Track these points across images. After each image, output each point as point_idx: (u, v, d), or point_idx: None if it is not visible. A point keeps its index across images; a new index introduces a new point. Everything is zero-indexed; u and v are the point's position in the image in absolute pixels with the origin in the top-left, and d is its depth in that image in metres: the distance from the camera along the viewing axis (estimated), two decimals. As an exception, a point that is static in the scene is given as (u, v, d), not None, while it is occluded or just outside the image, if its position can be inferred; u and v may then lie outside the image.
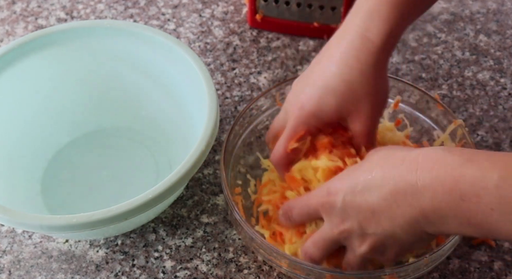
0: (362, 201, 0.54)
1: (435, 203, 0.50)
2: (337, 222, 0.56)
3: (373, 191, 0.53)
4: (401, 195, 0.52)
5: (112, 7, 0.92)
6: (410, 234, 0.53)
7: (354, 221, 0.55)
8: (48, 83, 0.74)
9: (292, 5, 0.84)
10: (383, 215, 0.53)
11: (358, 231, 0.55)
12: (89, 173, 0.74)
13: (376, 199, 0.53)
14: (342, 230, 0.56)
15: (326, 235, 0.58)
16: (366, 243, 0.56)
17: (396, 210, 0.52)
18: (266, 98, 0.72)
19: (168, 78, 0.73)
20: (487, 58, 0.85)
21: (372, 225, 0.54)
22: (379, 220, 0.54)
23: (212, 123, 0.63)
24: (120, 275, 0.66)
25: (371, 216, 0.54)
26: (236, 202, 0.65)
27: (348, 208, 0.55)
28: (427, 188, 0.50)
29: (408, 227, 0.53)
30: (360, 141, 0.62)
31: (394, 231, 0.54)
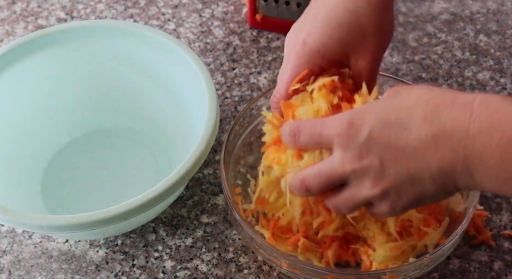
0: (392, 138, 0.49)
1: (485, 152, 0.46)
2: (353, 158, 0.51)
3: (410, 130, 0.48)
4: (445, 138, 0.47)
5: (112, 7, 0.92)
6: (437, 183, 0.49)
7: (376, 159, 0.50)
8: (48, 83, 0.74)
9: (292, 5, 0.84)
10: (415, 157, 0.48)
11: (376, 170, 0.50)
12: (89, 173, 0.74)
13: (412, 138, 0.48)
14: (358, 167, 0.51)
15: (334, 169, 0.52)
16: (381, 185, 0.51)
17: (434, 153, 0.48)
18: (266, 98, 0.72)
19: (168, 78, 0.73)
20: (487, 58, 0.85)
21: (396, 166, 0.49)
22: (408, 161, 0.49)
23: (212, 123, 0.63)
24: (120, 275, 0.66)
25: (399, 156, 0.49)
26: (236, 202, 0.65)
27: (372, 143, 0.50)
28: (481, 135, 0.46)
29: (439, 174, 0.48)
30: (363, 78, 0.58)
31: (421, 177, 0.49)
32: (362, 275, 0.60)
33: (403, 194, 0.51)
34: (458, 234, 0.60)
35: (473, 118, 0.46)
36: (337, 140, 0.52)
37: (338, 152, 0.52)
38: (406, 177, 0.50)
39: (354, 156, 0.51)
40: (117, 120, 0.78)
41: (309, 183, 0.54)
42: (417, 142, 0.48)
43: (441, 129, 0.47)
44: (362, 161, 0.51)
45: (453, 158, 0.47)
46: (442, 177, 0.49)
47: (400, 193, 0.51)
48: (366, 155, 0.50)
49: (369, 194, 0.52)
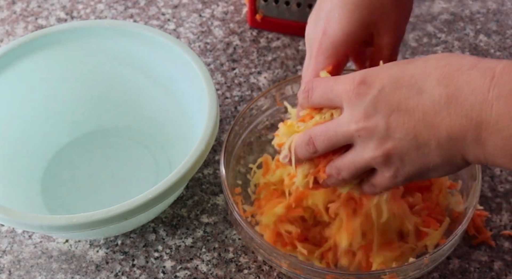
0: (403, 98, 0.46)
1: (503, 120, 0.42)
2: (360, 116, 0.48)
3: (422, 91, 0.46)
4: (460, 101, 0.44)
5: (112, 7, 0.92)
6: (444, 153, 0.46)
7: (382, 119, 0.47)
8: (48, 83, 0.74)
9: (292, 5, 0.84)
10: (425, 120, 0.46)
11: (381, 131, 0.48)
12: (89, 173, 0.74)
13: (424, 99, 0.46)
14: (363, 126, 0.48)
15: (340, 127, 0.50)
16: (384, 147, 0.48)
17: (445, 117, 0.45)
18: (266, 98, 0.72)
19: (168, 78, 0.73)
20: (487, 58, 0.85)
21: (403, 129, 0.47)
22: (417, 124, 0.46)
23: (212, 123, 0.63)
24: (120, 275, 0.66)
25: (408, 118, 0.46)
26: (236, 202, 0.65)
27: (381, 102, 0.47)
28: (500, 100, 0.42)
29: (447, 142, 0.46)
30: (386, 54, 0.56)
31: (427, 143, 0.46)
32: (362, 275, 0.60)
33: (406, 160, 0.48)
34: (458, 234, 0.60)
35: (494, 82, 0.43)
36: (345, 97, 0.49)
37: (346, 109, 0.50)
38: (412, 142, 0.47)
39: (361, 115, 0.48)
40: (117, 120, 0.78)
41: (316, 139, 0.52)
42: (429, 102, 0.46)
43: (456, 91, 0.45)
44: (368, 121, 0.48)
45: (464, 125, 0.45)
46: (450, 146, 0.46)
47: (404, 159, 0.48)
48: (372, 114, 0.48)
49: (372, 156, 0.49)
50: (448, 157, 0.47)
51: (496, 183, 0.72)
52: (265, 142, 0.73)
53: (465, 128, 0.45)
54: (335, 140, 0.51)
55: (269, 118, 0.73)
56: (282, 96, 0.72)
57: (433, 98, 0.46)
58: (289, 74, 0.83)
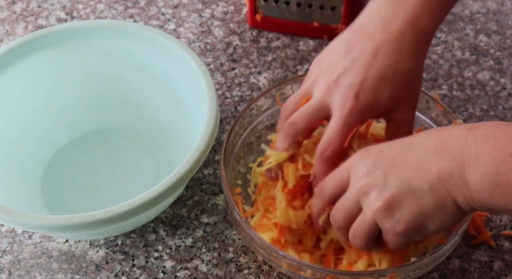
0: (397, 153, 0.53)
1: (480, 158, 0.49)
2: (362, 175, 0.55)
3: (413, 145, 0.53)
4: (445, 148, 0.51)
5: (112, 7, 0.92)
6: (436, 195, 0.51)
7: (380, 172, 0.53)
8: (48, 83, 0.74)
9: (292, 5, 0.84)
10: (417, 167, 0.52)
11: (380, 183, 0.53)
12: (89, 173, 0.74)
13: (415, 151, 0.53)
14: (364, 183, 0.54)
15: (349, 193, 0.56)
16: (384, 196, 0.53)
17: (434, 162, 0.51)
18: (266, 98, 0.72)
19: (168, 78, 0.73)
20: (487, 58, 0.85)
21: (398, 177, 0.53)
22: (410, 172, 0.52)
23: (212, 123, 0.63)
24: (120, 275, 0.66)
25: (402, 168, 0.53)
26: (236, 202, 0.65)
27: (379, 160, 0.54)
28: (477, 142, 0.49)
29: (438, 183, 0.51)
30: (402, 129, 0.62)
31: (421, 187, 0.52)
32: (362, 275, 0.60)
33: (403, 207, 0.53)
34: (458, 234, 0.60)
35: (471, 131, 0.51)
36: (351, 166, 0.56)
37: (352, 176, 0.56)
38: (407, 187, 0.52)
39: (363, 174, 0.54)
40: (117, 120, 0.77)
41: (335, 214, 0.58)
42: (419, 153, 0.52)
43: (442, 141, 0.51)
44: (368, 177, 0.54)
45: (451, 166, 0.50)
46: (440, 187, 0.51)
47: (401, 206, 0.53)
48: (372, 171, 0.54)
49: (375, 208, 0.54)
50: (439, 199, 0.52)
51: (496, 183, 0.72)
52: (265, 142, 0.73)
53: (451, 168, 0.50)
54: (349, 211, 0.57)
55: (269, 118, 0.73)
56: (282, 96, 0.72)
57: (423, 149, 0.52)
58: (289, 74, 0.83)
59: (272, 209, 0.64)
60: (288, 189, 0.63)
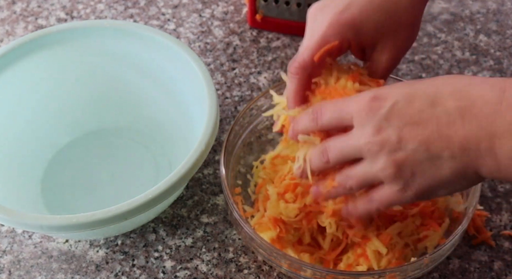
0: (416, 111, 0.47)
1: None
2: (371, 131, 0.49)
3: (436, 104, 0.47)
4: (473, 113, 0.45)
5: (112, 7, 0.92)
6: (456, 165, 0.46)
7: (394, 132, 0.48)
8: (48, 83, 0.74)
9: (292, 5, 0.84)
10: (439, 131, 0.46)
11: (392, 144, 0.48)
12: (89, 173, 0.74)
13: (437, 112, 0.47)
14: (374, 140, 0.48)
15: (351, 140, 0.50)
16: (395, 158, 0.48)
17: (459, 129, 0.46)
18: (266, 98, 0.72)
19: (168, 78, 0.73)
20: (487, 58, 0.85)
21: (415, 141, 0.47)
22: (430, 136, 0.47)
23: (212, 123, 0.63)
24: (120, 275, 0.66)
25: (421, 130, 0.47)
26: (236, 202, 0.65)
27: (393, 116, 0.48)
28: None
29: (460, 153, 0.46)
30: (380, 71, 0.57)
31: (440, 155, 0.46)
32: (362, 275, 0.60)
33: (418, 173, 0.48)
34: (458, 234, 0.60)
35: (506, 94, 0.45)
36: (357, 114, 0.50)
37: (358, 127, 0.50)
38: (425, 154, 0.47)
39: (373, 130, 0.49)
40: (117, 120, 0.77)
41: (329, 150, 0.52)
42: (442, 115, 0.46)
43: (469, 104, 0.46)
44: (380, 134, 0.48)
45: (478, 135, 0.45)
46: (463, 158, 0.46)
47: (415, 172, 0.48)
48: (384, 128, 0.48)
49: (382, 167, 0.49)
50: (460, 170, 0.47)
51: (496, 183, 0.72)
52: (265, 142, 0.73)
53: (478, 138, 0.45)
54: (347, 152, 0.51)
55: (269, 118, 0.73)
56: (282, 96, 0.72)
57: (446, 110, 0.46)
58: (289, 74, 0.83)
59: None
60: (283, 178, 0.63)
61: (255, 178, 0.70)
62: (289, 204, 0.62)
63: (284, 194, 0.63)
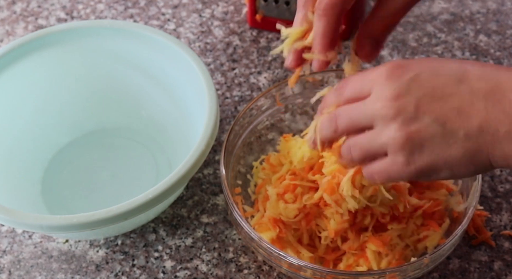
0: (440, 85, 0.46)
1: None
2: (389, 95, 0.47)
3: (462, 81, 0.45)
4: (498, 97, 0.44)
5: (112, 7, 0.92)
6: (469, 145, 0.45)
7: (412, 101, 0.46)
8: (48, 83, 0.74)
9: (292, 5, 0.84)
10: (460, 108, 0.45)
11: (409, 113, 0.46)
12: (89, 173, 0.74)
13: (462, 89, 0.45)
14: (390, 105, 0.46)
15: (364, 106, 0.48)
16: (408, 129, 0.46)
17: (481, 110, 0.44)
18: (266, 98, 0.72)
19: (168, 78, 0.73)
20: (487, 58, 0.85)
21: (433, 113, 0.45)
22: (449, 111, 0.45)
23: (212, 123, 0.63)
24: (120, 275, 0.66)
25: (441, 104, 0.45)
26: (236, 202, 0.65)
27: (415, 84, 0.46)
28: None
29: (477, 134, 0.45)
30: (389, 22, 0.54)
31: (455, 132, 0.45)
32: (362, 275, 0.60)
33: (426, 147, 0.46)
34: (458, 234, 0.60)
35: None
36: (377, 80, 0.48)
37: (375, 90, 0.48)
38: (439, 129, 0.46)
39: (390, 94, 0.47)
40: (117, 120, 0.77)
41: (339, 117, 0.50)
42: (466, 93, 0.45)
43: (496, 87, 0.44)
44: (397, 100, 0.46)
45: (500, 119, 0.44)
46: (479, 139, 0.45)
47: (424, 145, 0.46)
48: (403, 94, 0.46)
49: (392, 136, 0.47)
50: (471, 152, 0.46)
51: (496, 183, 0.72)
52: (265, 142, 0.73)
53: (499, 122, 0.44)
54: (357, 118, 0.49)
55: (269, 118, 0.73)
56: (282, 96, 0.72)
57: (471, 90, 0.45)
58: (289, 74, 0.83)
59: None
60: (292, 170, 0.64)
61: (255, 178, 0.70)
62: (289, 205, 0.62)
63: (283, 195, 0.63)
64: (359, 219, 0.62)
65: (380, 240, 0.61)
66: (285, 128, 0.74)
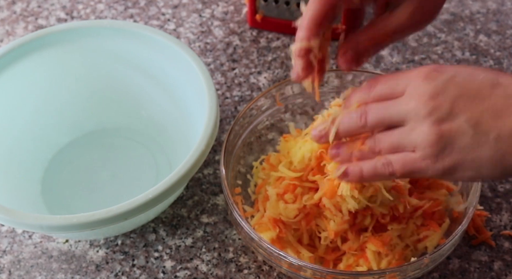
0: (475, 87, 0.46)
1: None
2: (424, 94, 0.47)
3: (498, 84, 0.46)
4: None
5: (112, 7, 0.92)
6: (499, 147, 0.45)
7: (448, 101, 0.47)
8: (48, 83, 0.74)
9: (292, 5, 0.84)
10: (494, 109, 0.45)
11: (443, 112, 0.46)
12: (89, 173, 0.74)
13: (498, 91, 0.46)
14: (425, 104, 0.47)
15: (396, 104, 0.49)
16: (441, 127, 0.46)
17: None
18: (266, 98, 0.72)
19: (168, 78, 0.73)
20: (487, 58, 0.85)
21: (468, 113, 0.46)
22: (483, 112, 0.46)
23: (212, 123, 0.63)
24: (120, 275, 0.66)
25: (476, 104, 0.46)
26: (236, 202, 0.65)
27: (451, 85, 0.47)
28: None
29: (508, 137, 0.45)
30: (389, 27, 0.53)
31: (487, 133, 0.45)
32: (362, 275, 0.60)
33: (456, 146, 0.46)
34: (458, 234, 0.60)
35: None
36: (413, 80, 0.48)
37: (410, 90, 0.48)
38: (471, 130, 0.46)
39: (425, 93, 0.47)
40: (117, 120, 0.78)
41: (369, 112, 0.50)
42: (502, 95, 0.46)
43: None
44: (432, 100, 0.47)
45: None
46: (509, 142, 0.45)
47: (454, 143, 0.47)
48: (439, 94, 0.47)
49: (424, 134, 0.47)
50: (500, 155, 0.46)
51: (496, 183, 0.72)
52: (265, 142, 0.73)
53: None
54: (389, 115, 0.49)
55: (269, 118, 0.73)
56: (282, 96, 0.72)
57: (506, 93, 0.46)
58: (289, 74, 0.83)
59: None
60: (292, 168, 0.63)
61: (255, 178, 0.70)
62: (289, 205, 0.62)
63: (283, 195, 0.63)
64: (359, 219, 0.62)
65: (380, 240, 0.61)
66: (285, 128, 0.74)
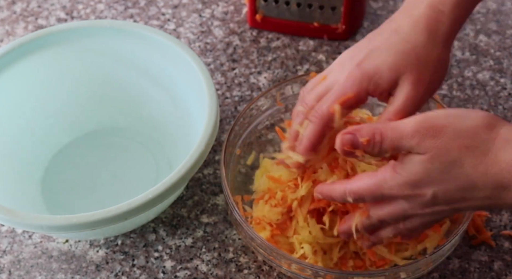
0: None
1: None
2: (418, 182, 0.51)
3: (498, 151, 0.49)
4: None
5: (112, 7, 0.92)
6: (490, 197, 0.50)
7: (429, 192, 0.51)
8: (48, 83, 0.74)
9: (292, 5, 0.84)
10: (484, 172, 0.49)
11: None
12: (89, 173, 0.74)
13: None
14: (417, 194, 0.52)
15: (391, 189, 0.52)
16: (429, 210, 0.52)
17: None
18: (266, 98, 0.72)
19: (168, 78, 0.73)
20: (487, 58, 0.85)
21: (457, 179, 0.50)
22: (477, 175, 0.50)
23: (212, 123, 0.63)
24: (120, 275, 0.66)
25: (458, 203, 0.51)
26: (236, 202, 0.65)
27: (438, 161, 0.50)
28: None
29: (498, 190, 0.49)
30: (402, 109, 0.56)
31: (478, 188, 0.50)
32: (362, 275, 0.60)
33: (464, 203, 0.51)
34: (458, 234, 0.60)
35: None
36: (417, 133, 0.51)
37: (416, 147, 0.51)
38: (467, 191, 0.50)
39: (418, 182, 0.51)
40: (117, 120, 0.78)
41: (360, 195, 0.54)
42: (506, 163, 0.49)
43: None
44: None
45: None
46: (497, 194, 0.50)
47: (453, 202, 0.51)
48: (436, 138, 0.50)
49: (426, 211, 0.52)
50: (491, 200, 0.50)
51: (496, 183, 0.72)
52: (265, 142, 0.73)
53: None
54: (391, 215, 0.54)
55: (269, 118, 0.73)
56: (282, 96, 0.72)
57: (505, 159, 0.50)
58: (289, 74, 0.83)
59: None
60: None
61: (256, 179, 0.70)
62: (273, 208, 0.63)
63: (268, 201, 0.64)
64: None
65: None
66: (285, 128, 0.74)
